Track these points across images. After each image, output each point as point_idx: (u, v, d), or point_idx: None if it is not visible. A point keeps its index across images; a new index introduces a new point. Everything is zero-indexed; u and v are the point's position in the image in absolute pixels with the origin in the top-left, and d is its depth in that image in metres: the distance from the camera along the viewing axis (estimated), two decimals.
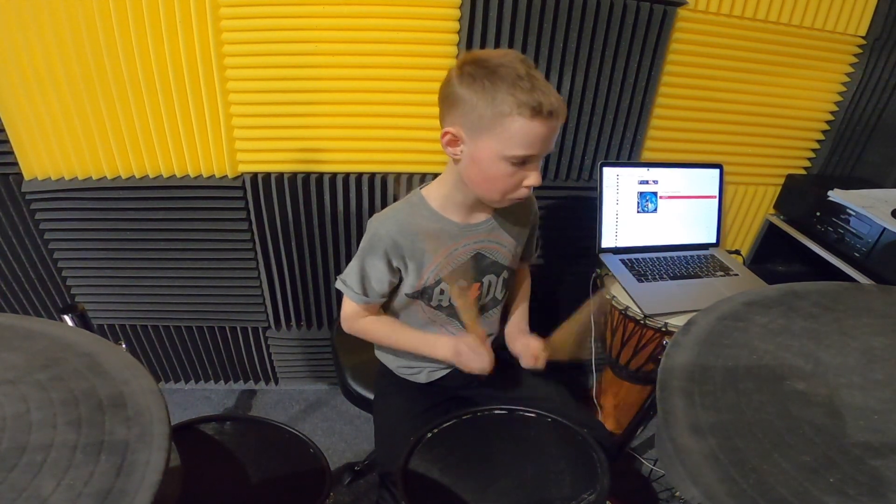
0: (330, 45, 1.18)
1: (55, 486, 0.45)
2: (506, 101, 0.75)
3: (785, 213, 1.60)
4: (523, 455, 0.81)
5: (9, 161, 1.22)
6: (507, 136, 0.77)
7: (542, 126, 0.77)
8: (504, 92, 0.76)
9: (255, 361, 1.68)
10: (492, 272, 1.00)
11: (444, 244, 0.94)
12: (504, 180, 0.83)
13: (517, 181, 0.83)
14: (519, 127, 0.76)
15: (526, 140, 0.78)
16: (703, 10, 1.28)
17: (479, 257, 0.98)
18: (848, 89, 1.47)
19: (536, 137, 0.78)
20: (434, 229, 0.93)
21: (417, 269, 0.94)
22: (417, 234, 0.92)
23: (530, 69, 0.78)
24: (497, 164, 0.81)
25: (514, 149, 0.78)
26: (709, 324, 0.70)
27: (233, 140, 1.26)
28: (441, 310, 1.01)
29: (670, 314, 1.24)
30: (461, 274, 0.96)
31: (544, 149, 0.81)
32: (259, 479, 0.84)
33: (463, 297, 0.95)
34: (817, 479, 0.48)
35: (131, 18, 1.09)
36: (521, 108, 0.75)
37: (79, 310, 1.04)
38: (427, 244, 0.92)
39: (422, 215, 0.93)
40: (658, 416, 0.57)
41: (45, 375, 0.58)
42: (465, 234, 0.95)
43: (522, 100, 0.75)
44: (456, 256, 0.95)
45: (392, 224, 0.92)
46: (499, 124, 0.77)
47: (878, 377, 0.60)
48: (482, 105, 0.77)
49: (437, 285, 0.97)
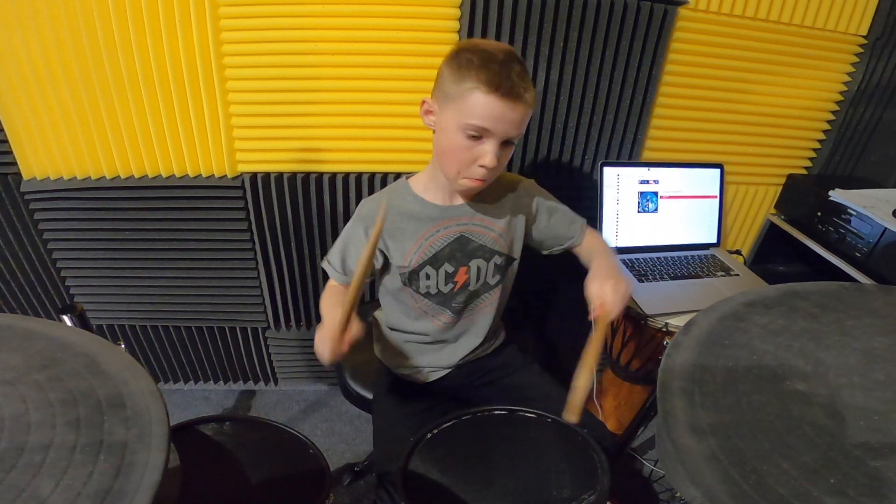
0: (330, 44, 1.18)
1: (54, 487, 0.45)
2: (471, 76, 0.80)
3: (786, 213, 1.60)
4: (523, 456, 0.81)
5: (8, 161, 1.22)
6: (466, 106, 0.82)
7: (500, 103, 0.80)
8: (474, 69, 0.80)
9: (254, 362, 1.68)
10: (479, 256, 1.00)
11: (425, 225, 0.97)
12: (460, 153, 0.86)
13: (472, 157, 0.86)
14: (476, 99, 0.81)
15: (482, 113, 0.81)
16: (704, 9, 1.27)
17: (463, 240, 0.99)
18: (849, 89, 1.47)
19: (492, 112, 0.81)
20: (415, 211, 0.96)
21: (400, 250, 0.97)
22: (400, 214, 0.96)
23: (511, 60, 0.82)
24: (456, 135, 0.85)
25: (469, 118, 0.82)
26: (709, 324, 0.70)
27: (232, 140, 1.26)
28: (430, 297, 1.01)
29: (671, 314, 1.23)
30: (446, 258, 0.98)
31: (500, 128, 0.83)
32: (258, 479, 0.83)
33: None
34: (818, 479, 0.48)
35: (130, 18, 1.09)
36: (481, 83, 0.80)
37: (78, 310, 1.05)
38: (408, 224, 0.96)
39: (404, 198, 0.97)
40: (658, 416, 0.57)
41: (44, 376, 0.57)
42: (446, 215, 0.97)
43: (484, 77, 0.80)
44: (438, 238, 0.97)
45: (376, 204, 0.98)
46: (461, 96, 0.82)
47: (878, 377, 0.60)
48: (452, 78, 0.83)
49: (421, 269, 0.98)
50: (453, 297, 1.02)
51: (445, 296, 1.01)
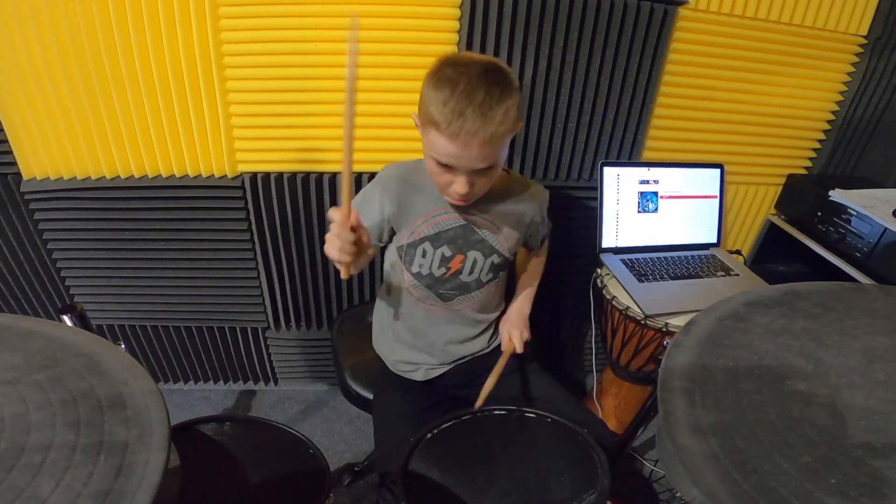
0: (330, 44, 1.18)
1: (54, 487, 0.45)
2: (436, 110, 0.79)
3: (786, 212, 1.60)
4: (523, 455, 0.81)
5: (8, 161, 1.21)
6: (428, 140, 0.84)
7: (456, 146, 0.80)
8: (440, 101, 0.78)
9: (254, 362, 1.68)
10: (479, 250, 1.01)
11: (434, 203, 0.98)
12: (436, 177, 0.89)
13: (446, 181, 0.87)
14: (435, 137, 0.81)
15: (440, 150, 0.82)
16: (704, 9, 1.27)
17: (468, 229, 1.00)
18: (849, 89, 1.47)
19: (450, 153, 0.81)
20: (429, 188, 0.96)
21: (406, 217, 0.98)
22: (416, 187, 0.98)
23: (476, 89, 0.77)
24: (429, 159, 0.86)
25: (432, 151, 0.84)
26: (709, 324, 0.70)
27: (232, 140, 1.26)
28: (419, 278, 1.02)
29: (671, 314, 1.23)
30: (448, 241, 0.99)
31: (463, 164, 0.83)
32: (258, 479, 0.83)
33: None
34: (818, 479, 0.48)
35: (130, 18, 1.09)
36: (437, 122, 0.79)
37: (78, 310, 1.04)
38: (420, 197, 0.98)
39: (423, 174, 0.97)
40: (659, 416, 0.57)
41: (44, 376, 0.57)
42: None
43: (444, 115, 0.77)
44: (445, 219, 0.99)
45: (397, 170, 1.00)
46: (425, 128, 0.84)
47: (879, 377, 0.60)
48: (425, 104, 0.82)
49: (420, 244, 0.99)
50: (442, 283, 1.02)
51: (436, 279, 1.02)
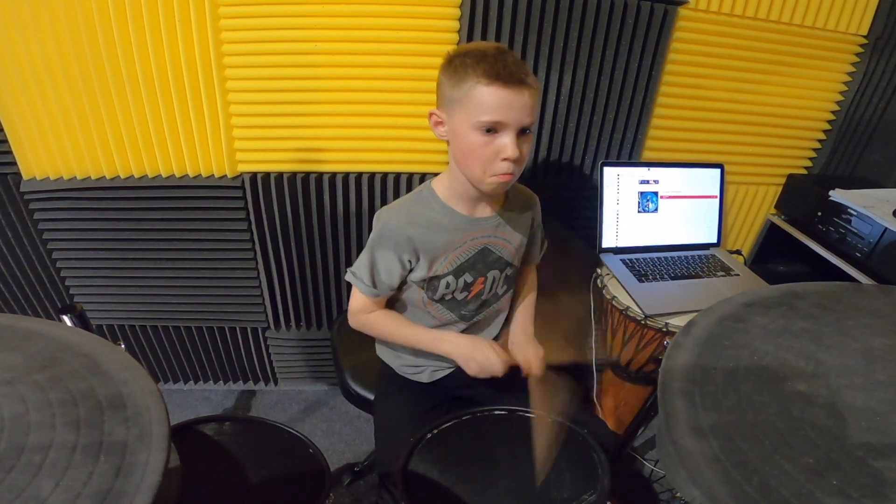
0: (330, 44, 1.18)
1: (54, 487, 0.45)
2: (469, 74, 0.81)
3: (786, 212, 1.60)
4: (523, 456, 0.81)
5: (7, 161, 1.21)
6: (472, 104, 0.82)
7: (504, 91, 0.80)
8: (469, 68, 0.81)
9: (254, 362, 1.68)
10: (496, 268, 1.01)
11: (454, 236, 0.95)
12: (479, 152, 0.85)
13: (493, 153, 0.84)
14: (480, 93, 0.81)
15: (489, 105, 0.81)
16: (704, 9, 1.27)
17: (486, 252, 0.99)
18: (849, 89, 1.46)
19: (499, 102, 0.81)
20: (444, 222, 0.94)
21: (429, 261, 0.95)
22: (428, 226, 0.94)
23: (503, 52, 0.82)
24: (471, 136, 0.84)
25: (479, 114, 0.82)
26: (709, 324, 0.70)
27: (232, 140, 1.26)
28: (443, 303, 1.01)
29: (671, 314, 1.23)
30: (468, 268, 0.98)
31: (512, 117, 0.82)
32: (258, 479, 0.83)
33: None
34: (819, 480, 0.48)
35: (130, 18, 1.09)
36: (480, 76, 0.80)
37: (77, 310, 1.04)
38: (438, 236, 0.94)
39: (432, 207, 0.95)
40: (659, 417, 0.57)
41: (44, 376, 0.57)
42: (473, 227, 0.96)
43: (482, 71, 0.80)
44: (464, 249, 0.97)
45: (403, 217, 0.93)
46: (465, 96, 0.82)
47: (879, 378, 0.60)
48: (452, 82, 0.83)
49: (444, 276, 0.97)
50: (465, 305, 1.02)
51: (458, 302, 1.01)
